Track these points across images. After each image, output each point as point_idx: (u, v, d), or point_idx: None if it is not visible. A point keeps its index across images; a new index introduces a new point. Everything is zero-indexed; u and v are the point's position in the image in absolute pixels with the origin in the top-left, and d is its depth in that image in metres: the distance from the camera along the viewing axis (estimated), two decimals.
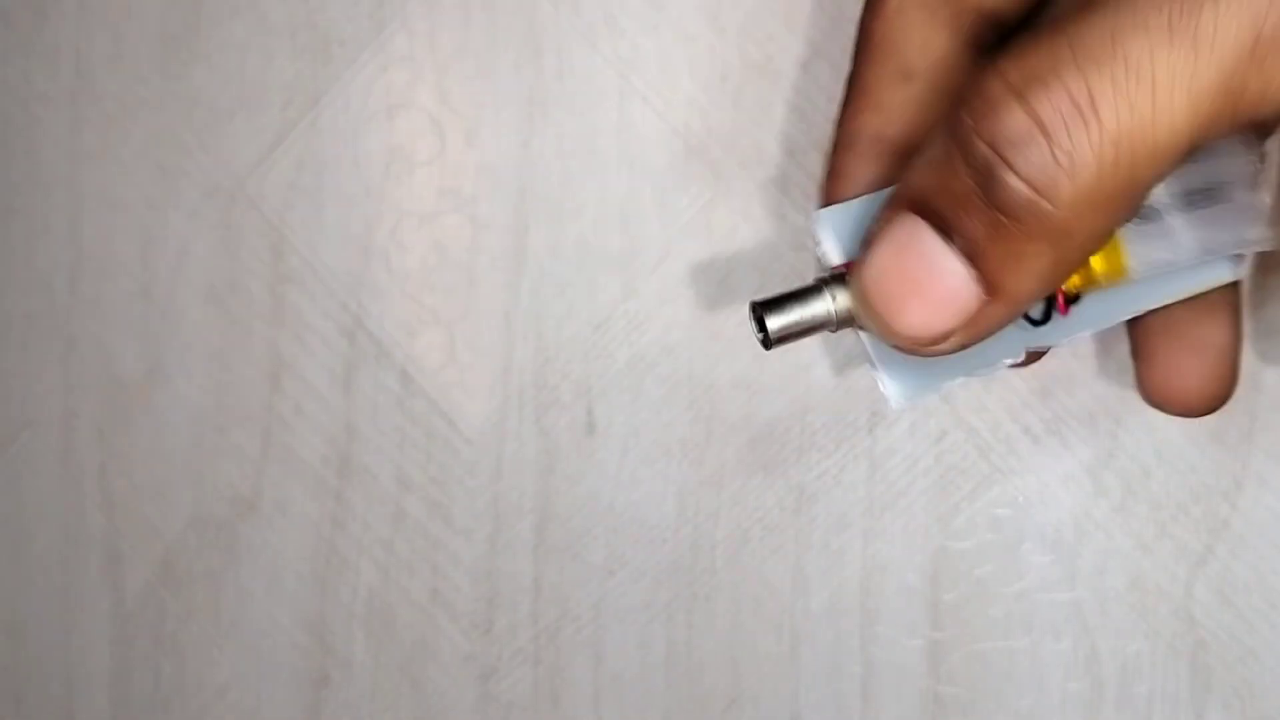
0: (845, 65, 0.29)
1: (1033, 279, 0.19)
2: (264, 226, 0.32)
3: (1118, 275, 0.21)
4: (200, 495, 0.33)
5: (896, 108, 0.23)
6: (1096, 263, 0.21)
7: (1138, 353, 0.24)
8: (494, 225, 0.31)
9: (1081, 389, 0.29)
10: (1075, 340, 0.22)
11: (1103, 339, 0.29)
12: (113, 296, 0.33)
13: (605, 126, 0.30)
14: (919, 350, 0.20)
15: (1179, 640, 0.29)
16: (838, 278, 0.21)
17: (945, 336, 0.19)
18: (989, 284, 0.19)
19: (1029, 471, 0.29)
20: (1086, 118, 0.17)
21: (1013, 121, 0.17)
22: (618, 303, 0.31)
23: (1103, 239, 0.19)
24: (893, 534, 0.30)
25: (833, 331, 0.21)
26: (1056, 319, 0.22)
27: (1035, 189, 0.17)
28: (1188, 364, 0.23)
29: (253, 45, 0.32)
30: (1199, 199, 0.20)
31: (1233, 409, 0.28)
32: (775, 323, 0.21)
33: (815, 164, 0.29)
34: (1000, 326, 0.20)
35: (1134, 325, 0.24)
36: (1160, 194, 0.20)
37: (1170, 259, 0.21)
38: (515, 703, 0.32)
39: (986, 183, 0.18)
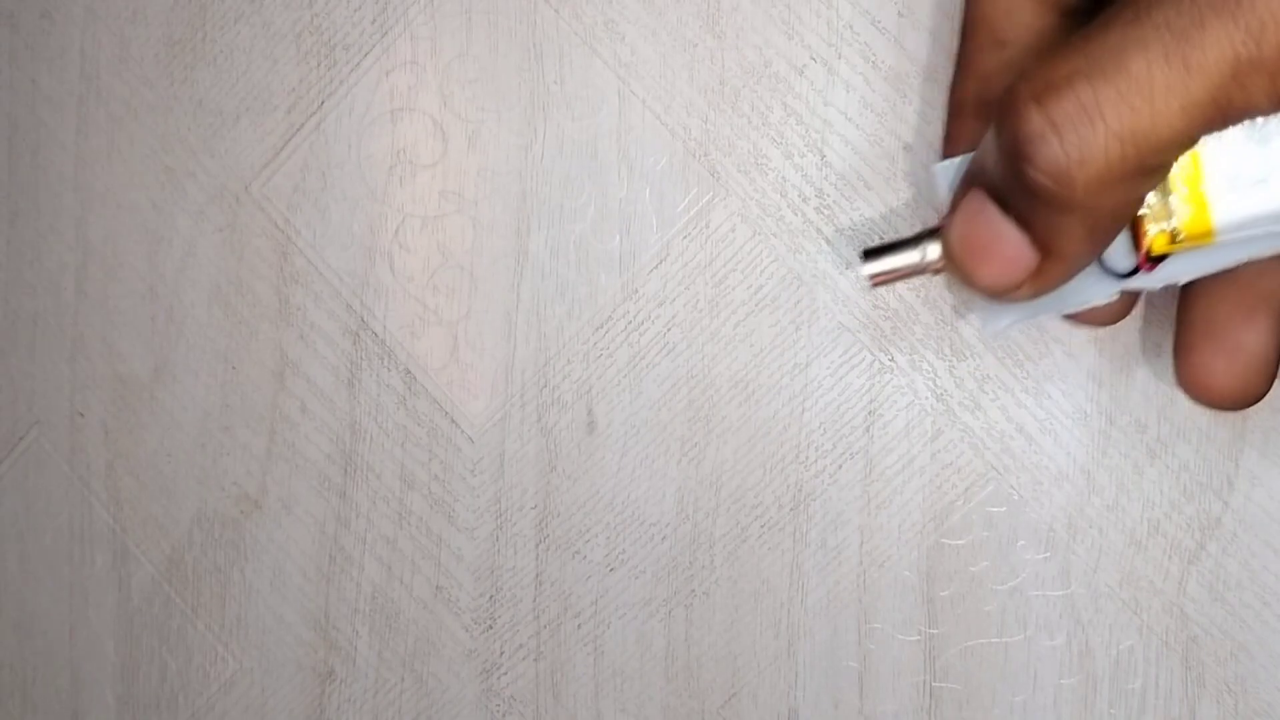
0: (840, 69, 0.30)
1: (1076, 242, 0.22)
2: (269, 228, 0.32)
3: (1205, 239, 0.22)
4: (206, 493, 0.33)
5: (994, 74, 0.25)
6: (1185, 228, 0.22)
7: (1177, 346, 0.25)
8: (496, 227, 0.31)
9: (1076, 389, 0.29)
10: (1167, 286, 0.24)
11: (1100, 342, 0.29)
12: (119, 297, 0.33)
13: (605, 130, 0.31)
14: (998, 299, 0.23)
15: (1172, 636, 0.29)
16: (933, 232, 0.24)
17: (1015, 288, 0.23)
18: (1041, 247, 0.22)
19: (1023, 469, 0.29)
20: (1093, 119, 0.20)
21: (1030, 123, 0.20)
22: (618, 303, 0.31)
23: (1134, 206, 0.22)
24: (889, 531, 0.30)
25: (932, 276, 0.25)
26: (1142, 274, 0.23)
27: (1051, 177, 0.20)
28: (1220, 364, 0.24)
29: (257, 49, 0.32)
30: None
31: None
32: (874, 268, 0.25)
33: (811, 166, 0.30)
34: (1063, 281, 0.23)
35: (1178, 316, 0.25)
36: (1260, 163, 0.22)
37: (1265, 225, 0.22)
38: (517, 697, 0.32)
39: (1017, 171, 0.21)
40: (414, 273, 0.32)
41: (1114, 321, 0.26)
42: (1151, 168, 0.20)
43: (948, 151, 0.26)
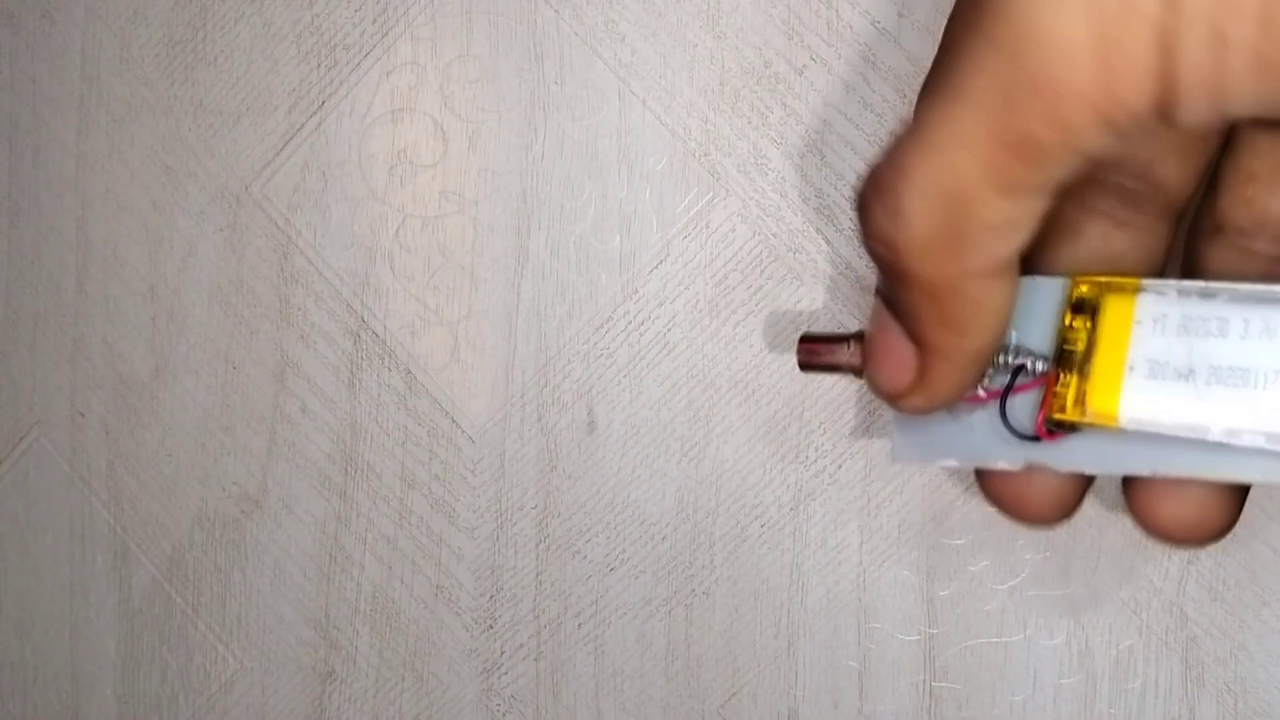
0: (839, 69, 0.30)
1: (933, 327, 0.20)
2: (270, 228, 0.32)
3: (1109, 420, 0.21)
4: (207, 493, 0.33)
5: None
6: (1092, 400, 0.21)
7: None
8: (496, 227, 0.31)
9: None
10: (1077, 471, 0.22)
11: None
12: (120, 297, 0.33)
13: (606, 130, 0.31)
14: (896, 406, 0.22)
15: (1171, 636, 0.29)
16: (862, 334, 0.23)
17: (907, 392, 0.21)
18: (912, 337, 0.21)
19: None
20: (903, 176, 0.19)
21: (860, 192, 0.20)
22: (618, 303, 0.31)
23: (978, 283, 0.20)
24: (889, 530, 0.30)
25: (856, 377, 0.24)
26: (1045, 444, 0.22)
27: (879, 243, 0.19)
28: (1174, 494, 0.22)
29: (258, 50, 0.32)
30: (1228, 374, 0.20)
31: None
32: (804, 354, 0.24)
33: (811, 167, 0.30)
34: (948, 386, 0.21)
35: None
36: (1186, 358, 0.20)
37: (1175, 427, 0.20)
38: (517, 696, 0.32)
39: (865, 247, 0.20)
40: (414, 273, 0.32)
41: (1054, 519, 0.23)
42: (982, 222, 0.18)
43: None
